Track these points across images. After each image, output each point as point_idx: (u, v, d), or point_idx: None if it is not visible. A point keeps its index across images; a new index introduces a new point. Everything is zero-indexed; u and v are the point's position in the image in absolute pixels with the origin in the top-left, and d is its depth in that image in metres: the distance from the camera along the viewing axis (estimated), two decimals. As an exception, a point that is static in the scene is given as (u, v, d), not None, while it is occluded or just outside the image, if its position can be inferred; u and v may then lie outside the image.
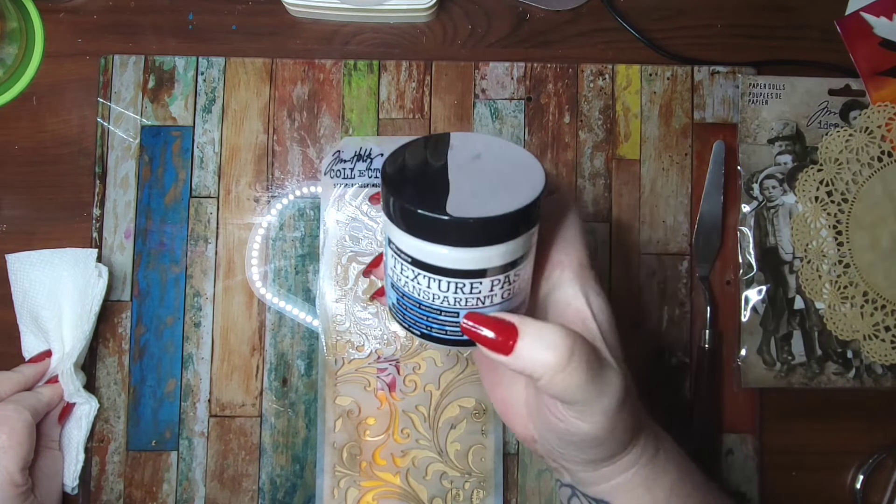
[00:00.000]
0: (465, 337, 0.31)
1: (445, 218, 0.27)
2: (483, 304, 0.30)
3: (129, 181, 0.52)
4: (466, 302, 0.30)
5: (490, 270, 0.29)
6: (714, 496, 0.37)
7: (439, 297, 0.30)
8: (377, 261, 0.36)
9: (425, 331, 0.32)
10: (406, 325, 0.33)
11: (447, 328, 0.31)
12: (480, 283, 0.29)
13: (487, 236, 0.28)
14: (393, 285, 0.32)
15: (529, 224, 0.29)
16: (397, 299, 0.32)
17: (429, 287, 0.30)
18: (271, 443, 0.51)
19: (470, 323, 0.30)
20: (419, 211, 0.28)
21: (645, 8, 0.55)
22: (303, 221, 0.53)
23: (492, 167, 0.31)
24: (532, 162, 0.31)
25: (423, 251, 0.29)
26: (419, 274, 0.30)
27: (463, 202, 0.28)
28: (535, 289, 0.34)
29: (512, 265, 0.29)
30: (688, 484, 0.35)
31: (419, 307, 0.31)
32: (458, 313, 0.31)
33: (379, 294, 0.35)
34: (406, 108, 0.53)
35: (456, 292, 0.30)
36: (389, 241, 0.31)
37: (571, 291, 0.32)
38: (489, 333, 0.30)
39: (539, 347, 0.29)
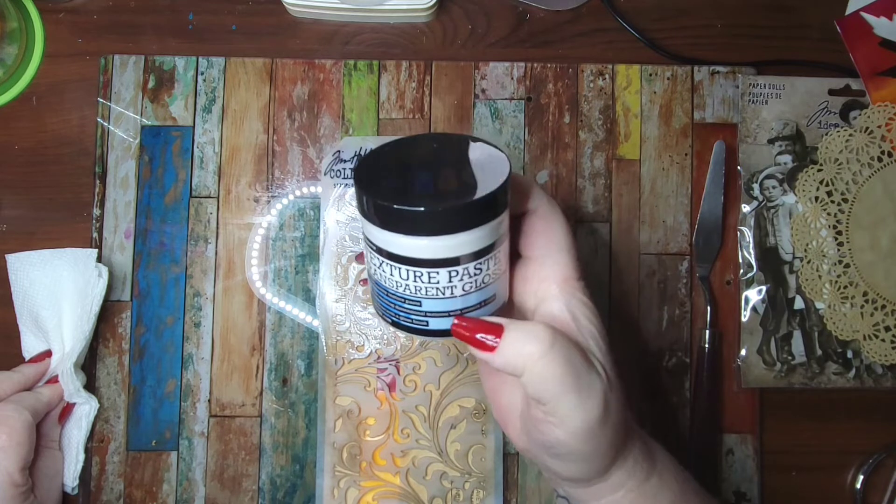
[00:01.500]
0: (431, 327, 0.32)
1: (392, 205, 0.29)
2: (444, 294, 0.31)
3: (129, 181, 0.52)
4: (427, 291, 0.31)
5: (443, 261, 0.30)
6: None
7: (401, 285, 0.31)
8: (361, 256, 0.38)
9: (395, 318, 0.33)
10: (380, 313, 0.34)
11: (412, 316, 0.32)
12: (437, 272, 0.30)
13: (434, 226, 0.29)
14: (369, 273, 0.33)
15: (479, 219, 0.30)
16: (372, 287, 0.34)
17: (391, 275, 0.31)
18: (271, 443, 0.51)
19: (458, 322, 0.31)
20: (371, 198, 0.29)
21: (645, 8, 0.55)
22: (303, 221, 0.53)
23: (460, 163, 0.32)
24: (503, 165, 0.31)
25: (382, 239, 0.30)
26: (383, 262, 0.31)
27: (419, 193, 0.30)
28: (524, 304, 0.35)
29: (468, 258, 0.30)
30: None
31: (387, 295, 0.32)
32: (420, 302, 0.31)
33: (365, 282, 0.37)
34: (406, 108, 0.53)
35: (415, 281, 0.31)
36: (364, 235, 0.32)
37: (556, 306, 0.33)
38: (476, 333, 0.31)
39: (522, 341, 0.30)
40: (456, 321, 0.31)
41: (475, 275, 0.31)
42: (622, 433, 0.33)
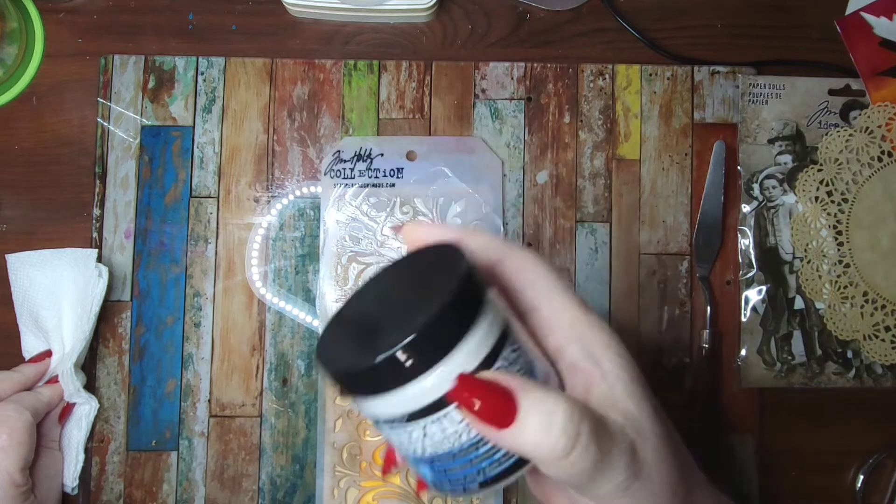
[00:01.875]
0: (515, 459, 0.26)
1: (401, 360, 0.24)
2: None
3: (129, 181, 0.52)
4: None
5: (483, 369, 0.25)
6: None
7: (464, 432, 0.25)
8: (390, 456, 0.30)
9: (481, 478, 0.26)
10: (462, 488, 0.27)
11: (496, 455, 0.26)
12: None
13: (448, 344, 0.24)
14: (417, 461, 0.27)
15: (474, 317, 0.25)
16: (431, 469, 0.27)
17: (444, 430, 0.25)
18: (271, 443, 0.51)
19: (460, 390, 0.24)
20: (364, 371, 0.24)
21: (645, 8, 0.55)
22: (303, 221, 0.53)
23: (412, 278, 0.28)
24: (455, 256, 0.26)
25: (408, 399, 0.24)
26: (425, 424, 0.25)
27: (402, 330, 0.24)
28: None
29: (500, 346, 0.25)
30: None
31: (453, 458, 0.26)
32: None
33: (388, 466, 0.30)
34: (406, 108, 0.53)
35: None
36: (377, 421, 0.26)
37: (573, 353, 0.28)
38: (485, 404, 0.24)
39: (538, 427, 0.24)
40: (457, 387, 0.24)
41: (516, 351, 0.26)
42: (676, 482, 0.28)
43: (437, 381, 0.24)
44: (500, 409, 0.24)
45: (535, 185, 0.53)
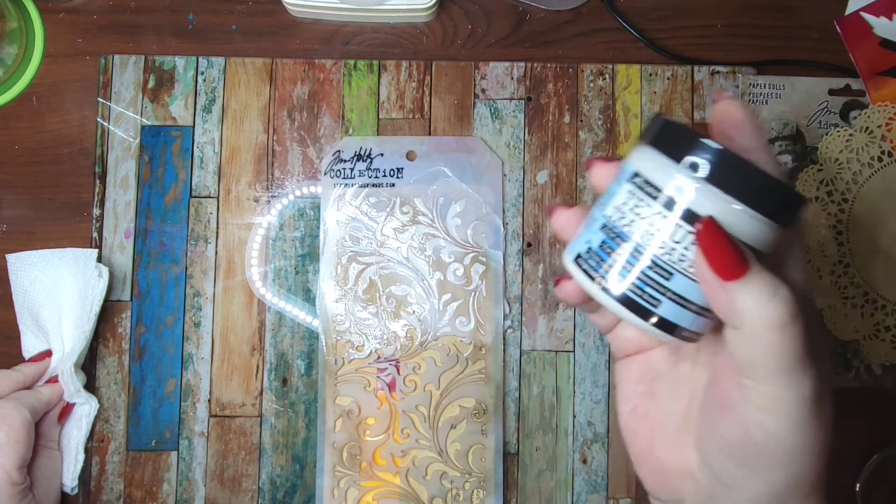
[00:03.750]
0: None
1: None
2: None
3: (129, 181, 0.52)
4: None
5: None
6: None
7: (680, 254, 0.25)
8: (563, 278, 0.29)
9: (644, 300, 0.26)
10: (636, 287, 0.26)
11: (686, 302, 0.26)
12: None
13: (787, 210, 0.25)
14: (619, 231, 0.27)
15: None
16: (633, 254, 0.26)
17: (675, 244, 0.25)
18: (271, 443, 0.51)
19: (706, 226, 0.24)
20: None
21: (645, 8, 0.55)
22: (303, 221, 0.53)
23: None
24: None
25: (689, 189, 0.26)
26: (676, 220, 0.25)
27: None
28: None
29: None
30: None
31: (646, 258, 0.26)
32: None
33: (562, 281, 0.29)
34: (406, 108, 0.53)
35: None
36: (645, 176, 0.27)
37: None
38: (724, 250, 0.24)
39: (765, 294, 0.24)
40: (702, 225, 0.24)
41: None
42: (828, 444, 0.27)
43: (715, 204, 0.25)
44: (733, 261, 0.24)
45: (535, 185, 0.53)
